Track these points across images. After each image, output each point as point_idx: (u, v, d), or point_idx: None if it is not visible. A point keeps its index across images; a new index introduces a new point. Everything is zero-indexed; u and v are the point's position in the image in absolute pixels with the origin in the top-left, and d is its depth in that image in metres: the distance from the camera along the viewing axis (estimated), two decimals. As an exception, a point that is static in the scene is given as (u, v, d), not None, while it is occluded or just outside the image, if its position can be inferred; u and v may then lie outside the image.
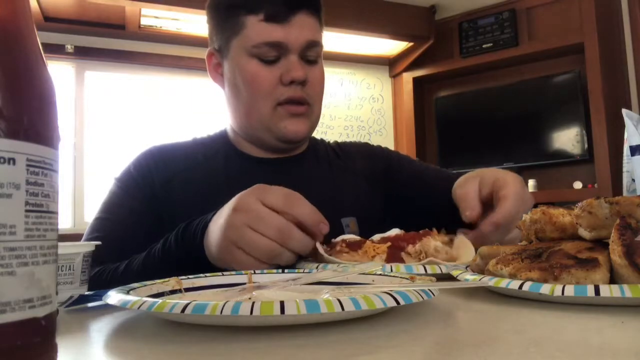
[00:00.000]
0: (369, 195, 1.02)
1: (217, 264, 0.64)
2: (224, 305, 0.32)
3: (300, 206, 0.62)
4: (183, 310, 0.33)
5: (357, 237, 0.70)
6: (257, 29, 0.87)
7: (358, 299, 0.33)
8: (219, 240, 0.61)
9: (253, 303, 0.32)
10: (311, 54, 0.91)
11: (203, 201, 0.83)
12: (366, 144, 1.15)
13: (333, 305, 0.32)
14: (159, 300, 0.35)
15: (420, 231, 0.70)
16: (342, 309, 0.32)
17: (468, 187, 0.78)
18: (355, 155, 1.08)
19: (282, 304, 0.32)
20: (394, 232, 0.71)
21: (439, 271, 0.58)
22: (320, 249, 0.63)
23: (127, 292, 0.41)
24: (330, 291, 0.43)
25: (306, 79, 0.89)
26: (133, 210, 0.88)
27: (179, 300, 0.34)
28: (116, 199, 0.90)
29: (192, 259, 0.66)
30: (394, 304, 0.34)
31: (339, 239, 0.70)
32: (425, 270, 0.58)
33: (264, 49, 0.87)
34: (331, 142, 1.13)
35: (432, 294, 0.38)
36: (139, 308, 0.35)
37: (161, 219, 0.88)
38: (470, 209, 0.74)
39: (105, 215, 0.88)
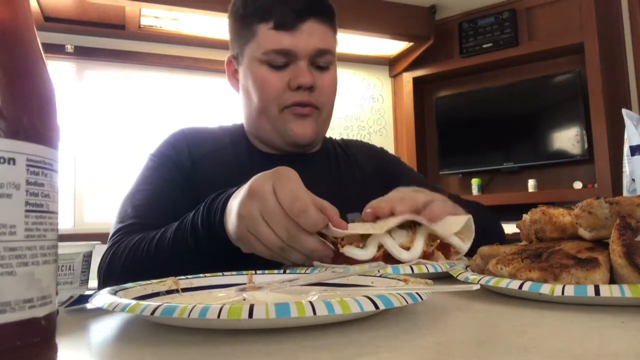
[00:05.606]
0: (374, 192, 1.02)
1: (237, 244, 0.65)
2: (192, 309, 0.32)
3: (304, 217, 0.61)
4: (153, 313, 0.33)
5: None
6: (267, 36, 0.90)
7: (333, 303, 0.33)
8: (236, 228, 0.63)
9: (222, 307, 0.32)
10: (321, 61, 0.93)
11: (229, 183, 0.85)
12: (367, 143, 1.19)
13: (305, 309, 0.32)
14: (132, 302, 0.35)
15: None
16: (314, 313, 0.32)
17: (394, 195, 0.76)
18: (360, 152, 1.12)
19: (251, 307, 0.32)
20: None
21: (439, 270, 0.58)
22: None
23: (115, 293, 0.41)
24: (319, 293, 0.43)
25: (314, 84, 0.91)
26: (168, 180, 0.91)
27: (150, 303, 0.34)
28: (152, 172, 0.93)
29: (215, 239, 0.67)
30: (372, 308, 0.33)
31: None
32: (428, 270, 0.58)
33: (273, 56, 0.90)
34: (337, 138, 1.17)
35: (420, 297, 0.37)
36: (113, 309, 0.36)
37: (192, 194, 0.90)
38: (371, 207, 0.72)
39: (143, 187, 0.90)
